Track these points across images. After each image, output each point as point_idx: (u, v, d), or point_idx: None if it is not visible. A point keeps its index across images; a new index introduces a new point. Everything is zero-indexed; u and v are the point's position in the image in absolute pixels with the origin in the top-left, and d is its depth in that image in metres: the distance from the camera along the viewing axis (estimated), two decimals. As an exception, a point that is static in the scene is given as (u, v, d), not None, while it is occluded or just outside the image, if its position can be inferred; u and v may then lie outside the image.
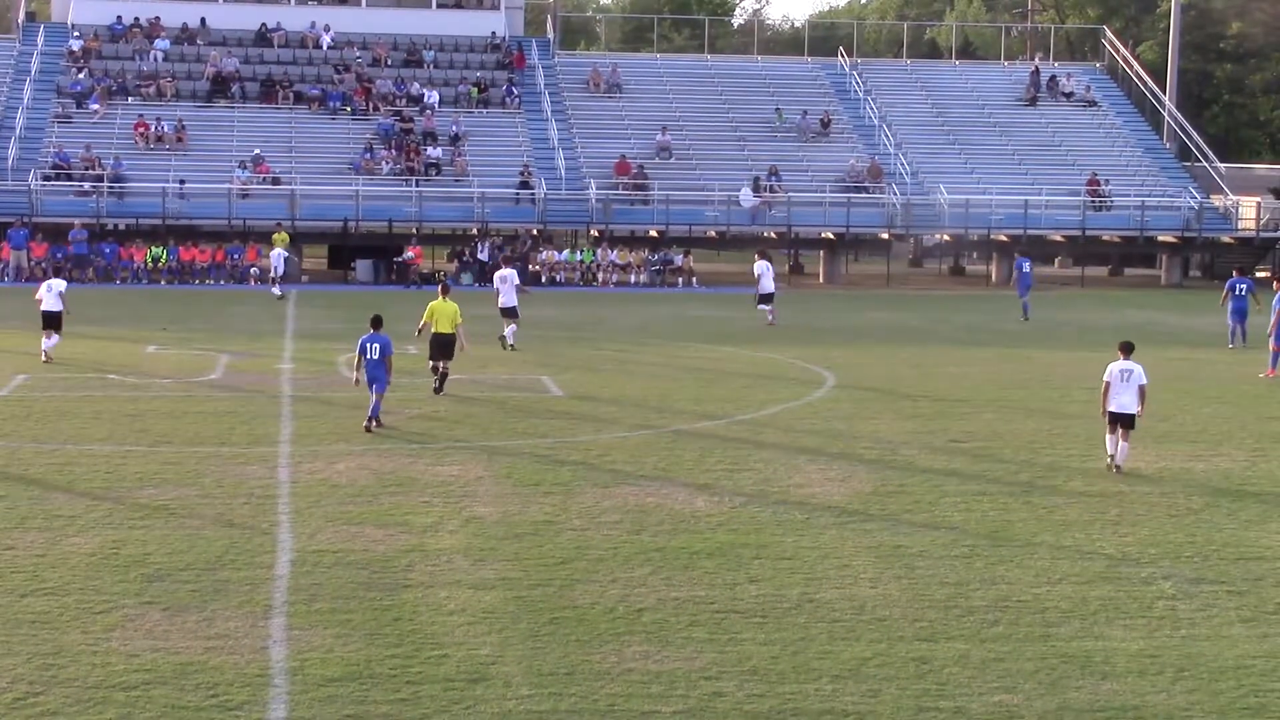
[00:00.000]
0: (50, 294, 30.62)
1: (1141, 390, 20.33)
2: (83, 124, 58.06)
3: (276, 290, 46.92)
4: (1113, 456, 20.54)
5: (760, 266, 41.01)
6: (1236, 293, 36.45)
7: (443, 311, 26.17)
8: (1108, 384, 20.49)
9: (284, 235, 52.25)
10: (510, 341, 33.05)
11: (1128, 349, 20.71)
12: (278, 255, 48.26)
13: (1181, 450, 22.07)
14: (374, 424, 22.70)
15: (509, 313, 33.35)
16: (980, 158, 62.60)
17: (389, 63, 64.47)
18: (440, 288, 27.21)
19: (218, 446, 21.37)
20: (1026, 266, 45.06)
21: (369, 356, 22.66)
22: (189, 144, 57.65)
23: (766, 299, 40.39)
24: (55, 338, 30.18)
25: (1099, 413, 21.08)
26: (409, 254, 52.71)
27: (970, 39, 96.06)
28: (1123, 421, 20.39)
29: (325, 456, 20.73)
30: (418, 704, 11.54)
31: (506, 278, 34.09)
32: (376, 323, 23.12)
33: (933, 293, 54.53)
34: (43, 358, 29.80)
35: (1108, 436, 20.70)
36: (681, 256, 55.99)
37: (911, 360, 32.74)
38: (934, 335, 38.68)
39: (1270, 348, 31.23)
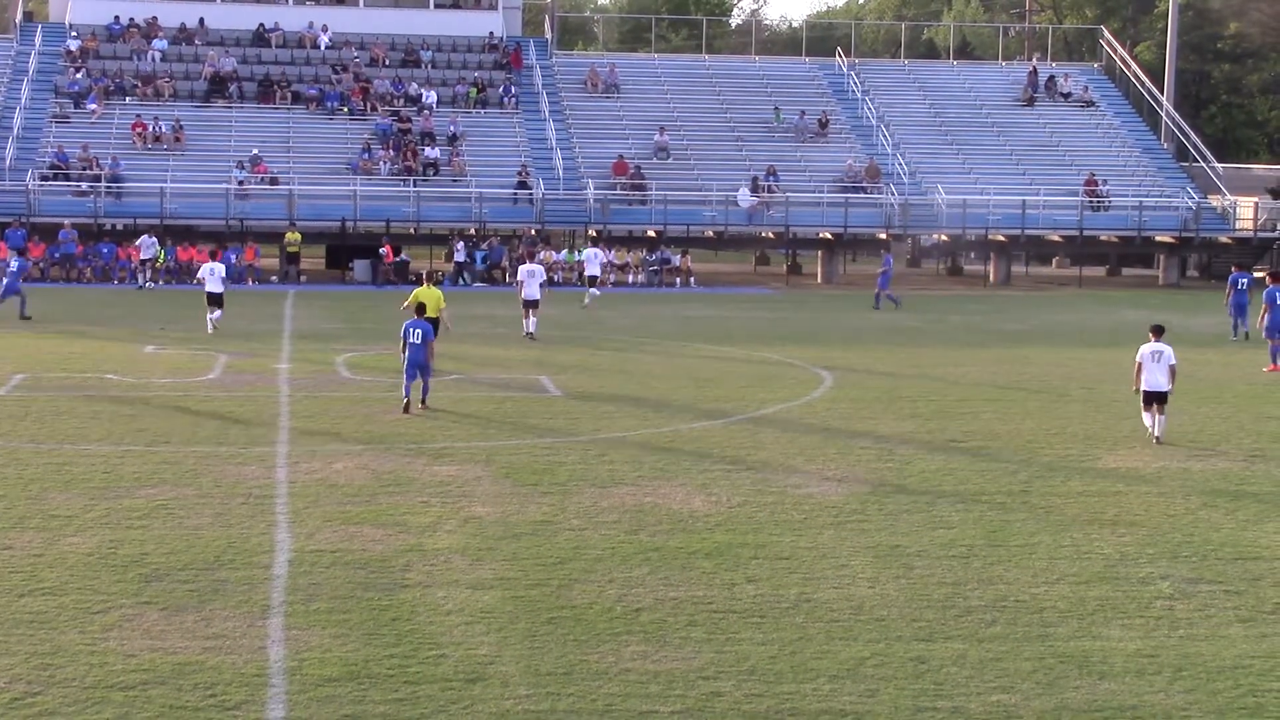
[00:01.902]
0: (213, 277, 35.69)
1: (1172, 369, 22.24)
2: (80, 124, 58.00)
3: (141, 281, 48.66)
4: (1157, 436, 22.25)
5: (589, 253, 48.34)
6: (1238, 287, 37.60)
7: (427, 297, 27.87)
8: (1140, 364, 22.33)
9: (296, 235, 52.17)
10: (532, 331, 35.29)
11: (1158, 331, 22.64)
12: (146, 241, 49.64)
13: (1180, 450, 22.08)
14: (424, 406, 24.49)
15: (531, 305, 35.39)
16: (978, 158, 62.59)
17: (387, 63, 64.42)
18: (425, 275, 29.81)
19: (216, 446, 21.37)
20: (890, 262, 48.48)
21: (412, 341, 24.04)
22: (187, 144, 57.58)
23: (591, 280, 45.75)
24: (219, 312, 35.41)
25: (1131, 392, 23.40)
26: (381, 251, 52.07)
27: (968, 39, 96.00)
28: (1157, 398, 22.43)
29: (323, 456, 20.73)
30: (416, 704, 11.54)
31: (535, 272, 36.27)
32: (419, 310, 24.76)
33: (931, 293, 54.49)
34: (209, 329, 35.03)
35: (1144, 414, 22.66)
36: (679, 256, 55.95)
37: (910, 360, 32.75)
38: (933, 335, 38.67)
39: (1269, 342, 31.92)
